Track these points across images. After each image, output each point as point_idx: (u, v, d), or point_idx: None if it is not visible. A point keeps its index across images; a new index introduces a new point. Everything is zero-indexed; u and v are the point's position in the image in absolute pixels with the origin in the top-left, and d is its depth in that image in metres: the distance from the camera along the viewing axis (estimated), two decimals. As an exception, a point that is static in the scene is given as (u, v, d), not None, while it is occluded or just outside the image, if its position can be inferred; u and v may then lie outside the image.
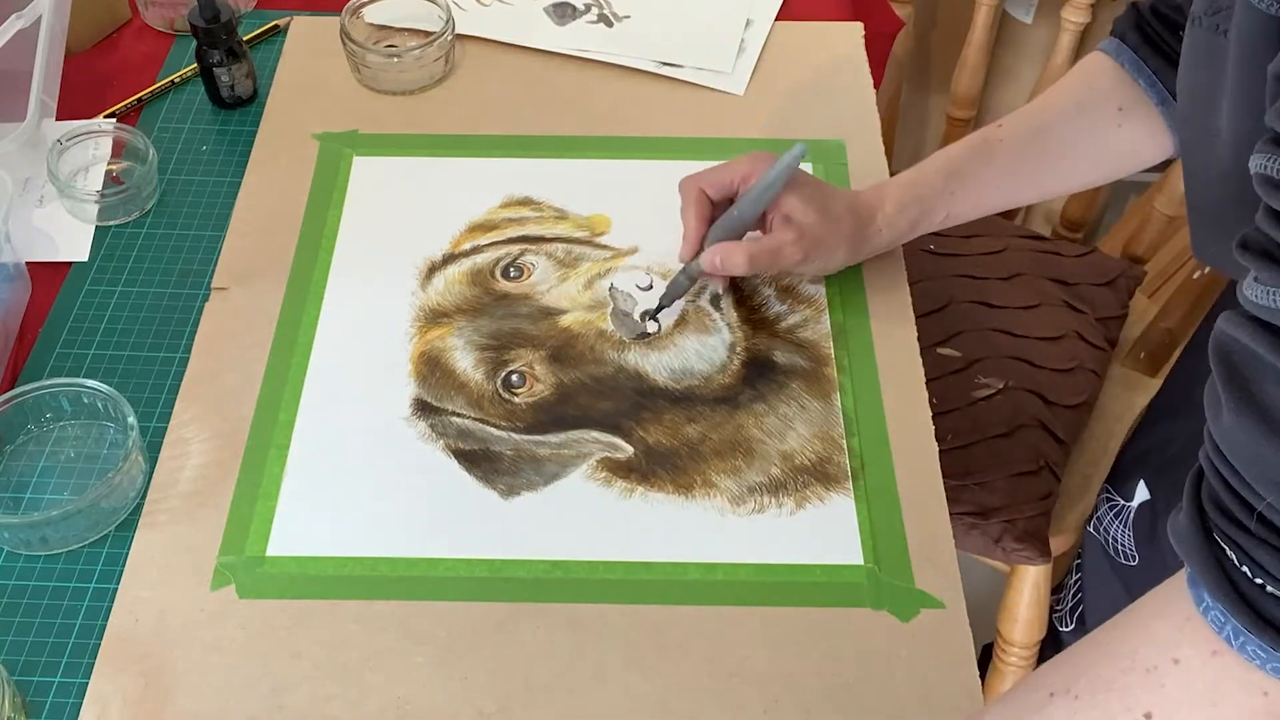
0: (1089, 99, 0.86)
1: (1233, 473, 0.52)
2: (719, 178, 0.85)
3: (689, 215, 0.85)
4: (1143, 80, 0.83)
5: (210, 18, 0.99)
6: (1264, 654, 0.51)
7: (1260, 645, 0.51)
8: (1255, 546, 0.51)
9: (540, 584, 0.74)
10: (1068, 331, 1.23)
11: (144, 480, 0.78)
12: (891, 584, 0.74)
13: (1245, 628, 0.51)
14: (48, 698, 0.70)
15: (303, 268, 0.90)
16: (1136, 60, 0.83)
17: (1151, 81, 0.83)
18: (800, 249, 0.83)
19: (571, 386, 0.83)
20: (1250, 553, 0.51)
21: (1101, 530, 1.10)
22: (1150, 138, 0.85)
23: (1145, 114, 0.84)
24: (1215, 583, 0.52)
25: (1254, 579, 0.51)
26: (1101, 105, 0.85)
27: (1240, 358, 0.50)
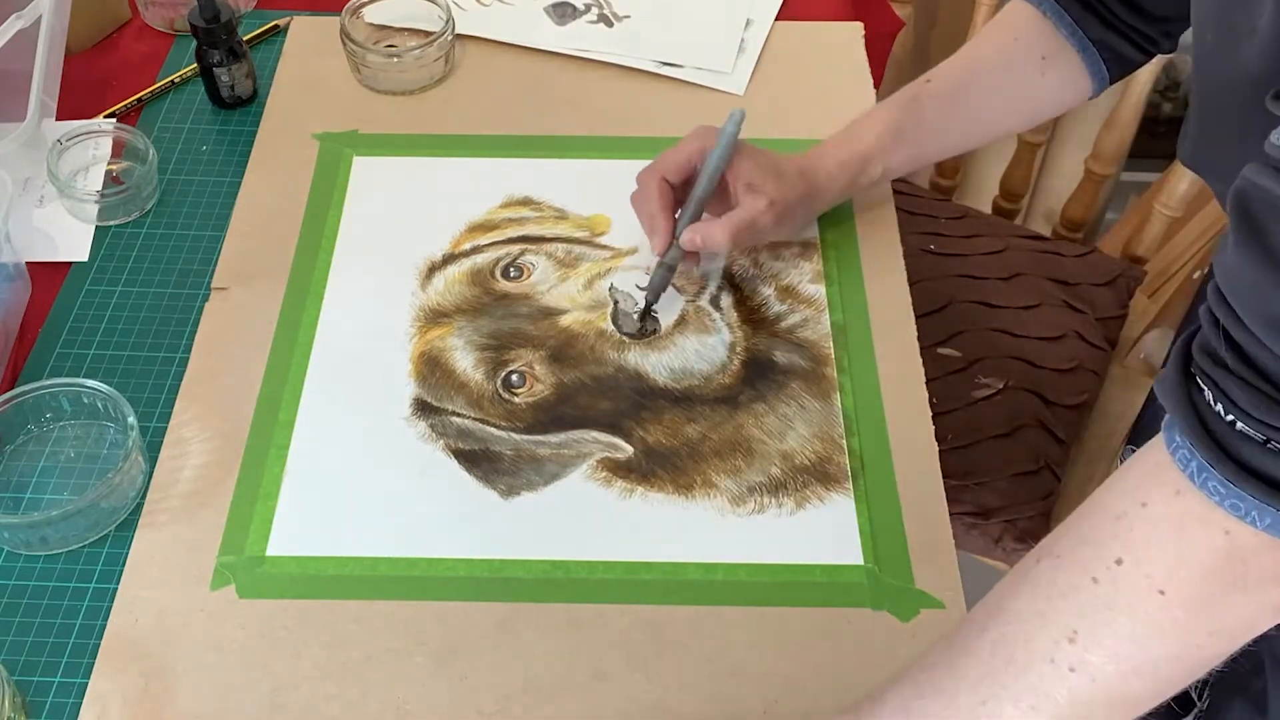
0: (1014, 50, 0.88)
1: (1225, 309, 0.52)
2: (676, 160, 0.86)
3: (655, 207, 0.85)
4: (1064, 28, 0.86)
5: (210, 18, 0.99)
6: (1224, 489, 0.51)
7: (1221, 480, 0.51)
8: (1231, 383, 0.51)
9: (540, 584, 0.74)
10: (1068, 331, 1.23)
11: (144, 480, 0.78)
12: (891, 584, 0.74)
13: (1208, 462, 0.52)
14: (48, 698, 0.70)
15: (303, 268, 0.90)
16: (1057, 8, 0.86)
17: (1073, 29, 0.86)
18: (773, 214, 0.85)
19: (571, 386, 0.83)
20: (1225, 389, 0.51)
21: None
22: (1072, 84, 0.88)
23: (1067, 60, 0.87)
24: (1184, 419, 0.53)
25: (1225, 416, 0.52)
26: (1026, 55, 0.88)
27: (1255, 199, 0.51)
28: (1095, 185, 1.42)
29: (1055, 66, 0.87)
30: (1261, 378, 0.50)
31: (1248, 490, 0.51)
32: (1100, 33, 0.85)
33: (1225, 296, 0.52)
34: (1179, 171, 1.28)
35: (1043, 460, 1.14)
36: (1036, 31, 0.87)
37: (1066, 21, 0.86)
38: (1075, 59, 0.87)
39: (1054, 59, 0.87)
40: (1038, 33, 0.87)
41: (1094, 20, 0.85)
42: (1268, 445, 0.50)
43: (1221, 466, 0.51)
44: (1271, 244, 0.50)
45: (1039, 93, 0.89)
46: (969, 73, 0.90)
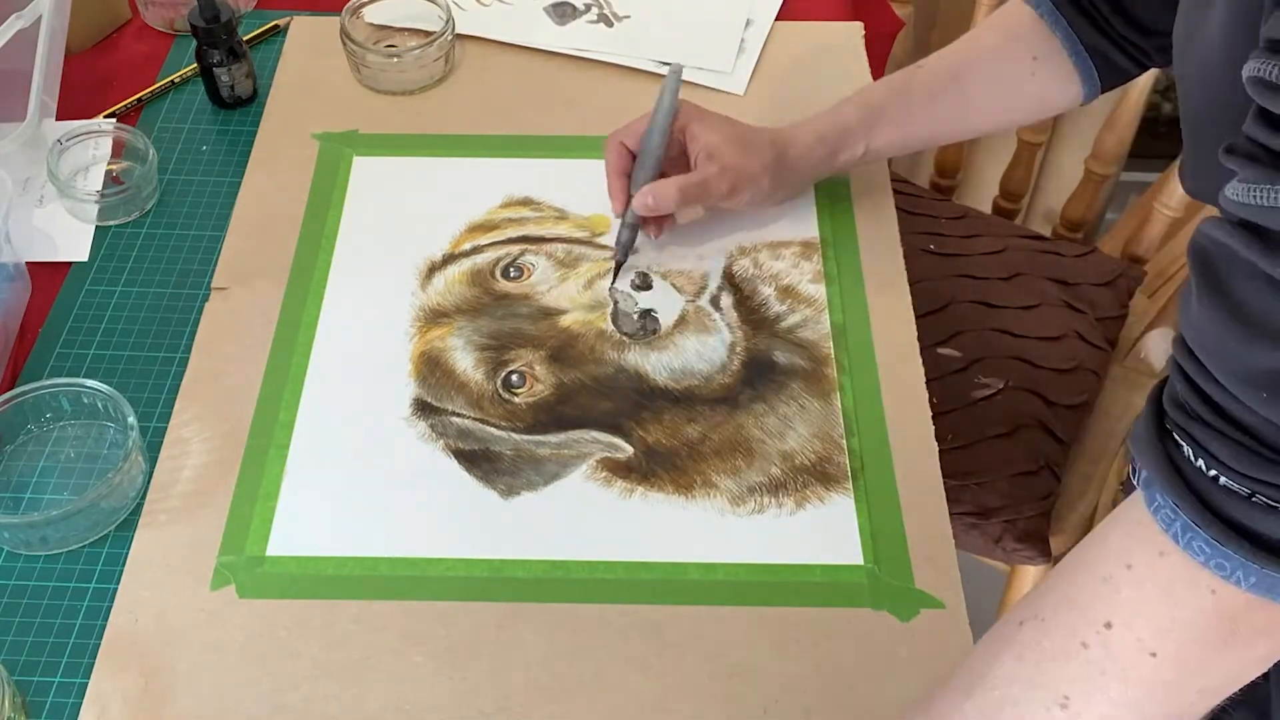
0: (1006, 48, 0.89)
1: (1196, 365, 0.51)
2: (636, 128, 0.89)
3: (609, 168, 0.89)
4: (1059, 31, 0.86)
5: (210, 18, 0.99)
6: (1209, 549, 0.51)
7: (1206, 540, 0.51)
8: (1210, 437, 0.51)
9: (540, 584, 0.74)
10: (1068, 331, 1.23)
11: (144, 480, 0.78)
12: (891, 584, 0.74)
13: (1193, 521, 0.51)
14: (48, 698, 0.70)
15: (303, 268, 0.90)
16: (1054, 11, 0.86)
17: (1066, 33, 0.86)
18: (726, 180, 0.86)
19: (571, 386, 0.83)
20: (1204, 444, 0.51)
21: None
22: (1061, 87, 0.88)
23: (1059, 64, 0.87)
24: (1165, 478, 0.52)
25: (1207, 471, 0.51)
26: (1017, 55, 0.88)
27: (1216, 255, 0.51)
28: (1095, 185, 1.42)
29: (1046, 67, 0.88)
30: (1241, 431, 0.50)
31: (1232, 549, 0.50)
32: (1094, 39, 0.85)
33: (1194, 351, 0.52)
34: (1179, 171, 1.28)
35: (1043, 460, 1.14)
36: (1031, 31, 0.88)
37: (1061, 24, 0.86)
38: (1067, 63, 0.87)
39: (1045, 60, 0.87)
40: (1032, 33, 0.88)
41: (1088, 26, 0.85)
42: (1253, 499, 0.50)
43: (1207, 527, 0.51)
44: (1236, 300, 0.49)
45: (1027, 91, 0.89)
46: (960, 63, 0.90)
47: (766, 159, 0.88)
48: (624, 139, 0.89)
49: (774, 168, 0.88)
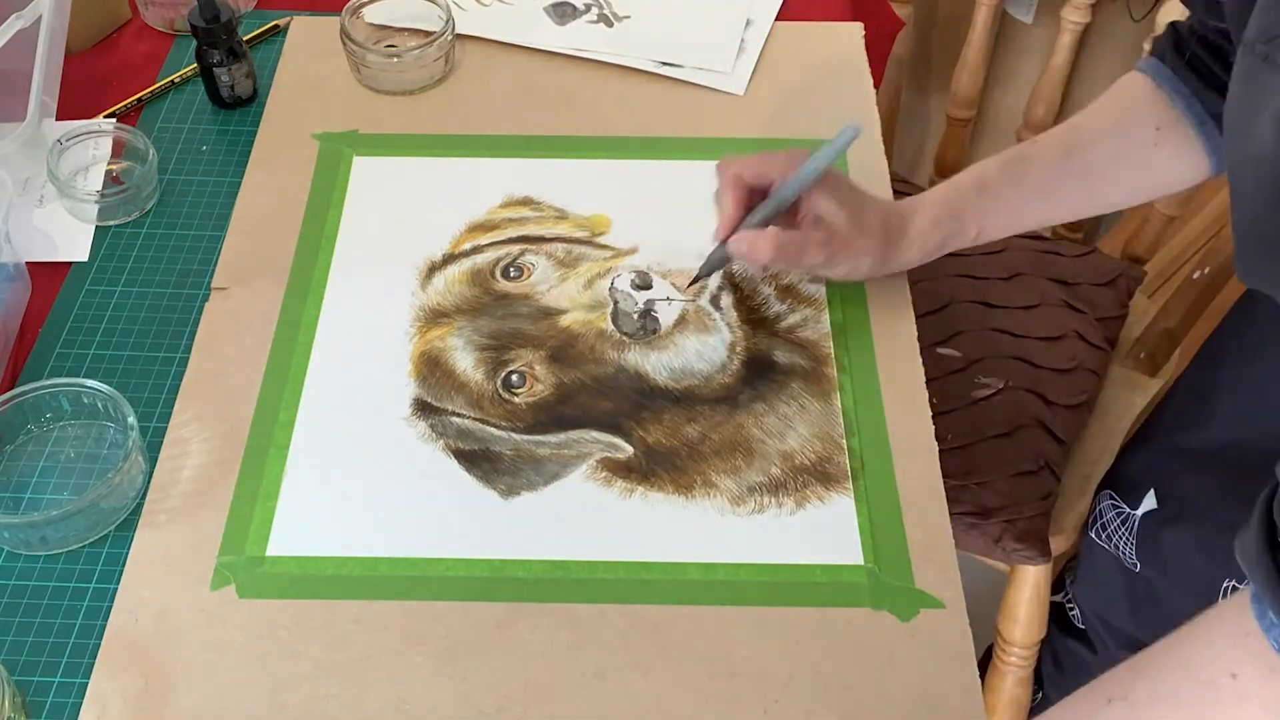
0: (1126, 119, 0.85)
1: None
2: (758, 166, 0.84)
3: (726, 197, 0.84)
4: (1180, 102, 0.82)
5: (210, 18, 0.99)
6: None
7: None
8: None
9: (540, 584, 0.74)
10: (1068, 331, 1.23)
11: (144, 480, 0.78)
12: (891, 584, 0.74)
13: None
14: (48, 698, 0.70)
15: (303, 268, 0.90)
16: (1175, 81, 0.82)
17: (1189, 103, 0.82)
18: (825, 250, 0.82)
19: (571, 386, 0.83)
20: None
21: (1106, 536, 1.10)
22: (1187, 159, 0.84)
23: (1183, 135, 0.83)
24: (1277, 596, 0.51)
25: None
26: (1139, 125, 0.84)
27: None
28: (1095, 185, 1.41)
29: (1169, 139, 0.83)
30: None
31: None
32: (1218, 107, 0.80)
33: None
34: (1179, 171, 1.28)
35: (1043, 460, 1.14)
36: (1151, 102, 0.84)
37: (1183, 94, 0.82)
38: (1191, 133, 0.83)
39: (1168, 131, 0.83)
40: (1152, 103, 0.84)
41: (1214, 96, 0.81)
42: None
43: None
44: None
45: (1151, 164, 0.85)
46: (1077, 138, 0.86)
47: (876, 239, 0.84)
48: (741, 171, 0.83)
49: (880, 250, 0.84)
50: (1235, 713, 0.53)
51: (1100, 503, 1.13)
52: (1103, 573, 1.13)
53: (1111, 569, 1.10)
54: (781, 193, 0.83)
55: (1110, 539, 1.10)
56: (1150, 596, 1.06)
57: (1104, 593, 1.14)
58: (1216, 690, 0.53)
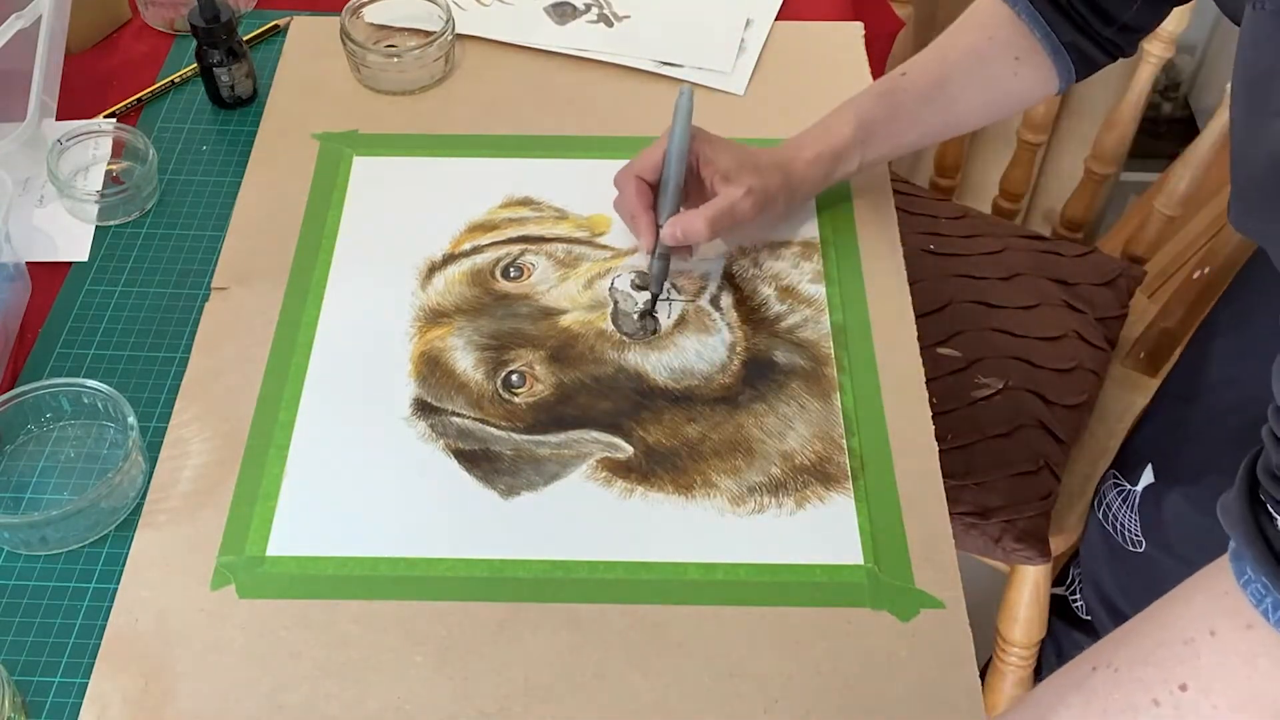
0: (988, 50, 0.90)
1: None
2: (649, 159, 0.87)
3: (635, 204, 0.87)
4: (1037, 30, 0.88)
5: (210, 18, 0.99)
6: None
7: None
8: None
9: (540, 584, 0.74)
10: (1068, 331, 1.23)
11: (144, 480, 0.78)
12: (891, 584, 0.74)
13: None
14: (48, 698, 0.70)
15: (303, 268, 0.90)
16: (1031, 10, 0.87)
17: (1045, 32, 0.87)
18: (751, 201, 0.86)
19: (571, 386, 0.83)
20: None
21: (1110, 517, 1.11)
22: (1042, 83, 0.90)
23: (1039, 62, 0.89)
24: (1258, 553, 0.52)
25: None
26: (1000, 55, 0.90)
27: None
28: (1095, 185, 1.42)
29: (1027, 66, 0.89)
30: None
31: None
32: (1071, 35, 0.87)
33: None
34: (1179, 171, 1.28)
35: (1042, 460, 1.14)
36: (1010, 31, 0.89)
37: (1040, 24, 0.87)
38: (1046, 60, 0.89)
39: (1026, 59, 0.89)
40: (1011, 32, 0.89)
41: (1067, 24, 0.87)
42: None
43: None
44: None
45: (1011, 90, 0.91)
46: (944, 69, 0.91)
47: (777, 180, 0.88)
48: (639, 173, 0.87)
49: (785, 188, 0.89)
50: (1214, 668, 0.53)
51: (1104, 483, 1.13)
52: (1107, 557, 1.13)
53: (1116, 553, 1.11)
54: (669, 169, 0.86)
55: (1114, 520, 1.10)
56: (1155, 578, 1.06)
57: (1108, 579, 1.14)
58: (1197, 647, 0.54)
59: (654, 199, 0.87)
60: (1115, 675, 0.56)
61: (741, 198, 0.85)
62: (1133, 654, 0.56)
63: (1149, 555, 1.06)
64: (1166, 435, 1.07)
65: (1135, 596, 1.11)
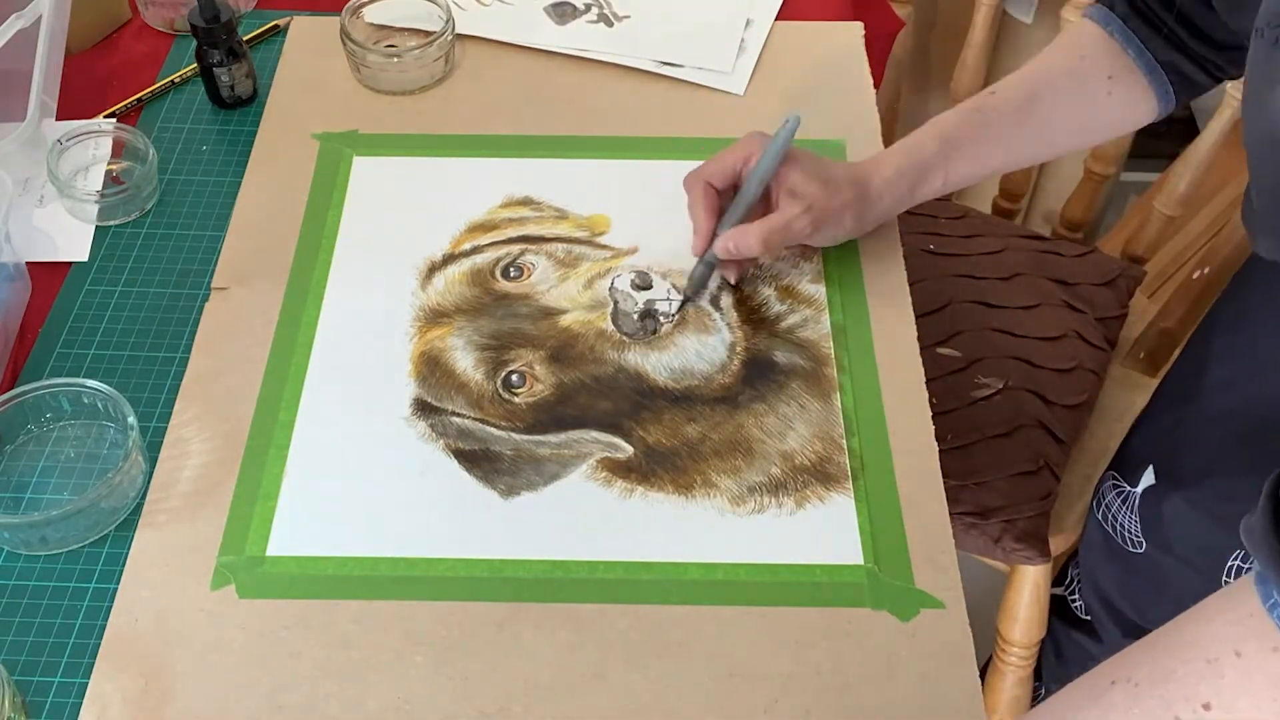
0: (1080, 68, 0.88)
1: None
2: (721, 166, 0.87)
3: (697, 210, 0.87)
4: (1131, 49, 0.86)
5: (210, 18, 0.99)
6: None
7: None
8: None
9: (540, 584, 0.74)
10: (1068, 331, 1.23)
11: (144, 480, 0.78)
12: (891, 584, 0.74)
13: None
14: (48, 698, 0.70)
15: (303, 268, 0.90)
16: (1125, 30, 0.86)
17: (1140, 50, 0.86)
18: (809, 219, 0.85)
19: (571, 386, 0.83)
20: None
21: (1110, 518, 1.11)
22: (1138, 104, 0.88)
23: (1134, 81, 0.87)
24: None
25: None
26: (1092, 74, 0.88)
27: None
28: (1095, 185, 1.42)
29: (1121, 86, 0.87)
30: None
31: None
32: (1168, 55, 0.85)
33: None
34: (1179, 171, 1.28)
35: (1042, 460, 1.14)
36: (1103, 51, 0.87)
37: (1134, 43, 0.85)
38: (1141, 80, 0.87)
39: (1120, 79, 0.87)
40: (1104, 52, 0.87)
41: (1161, 43, 0.85)
42: None
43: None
44: None
45: (1104, 112, 0.89)
46: (1034, 87, 0.89)
47: (849, 196, 0.86)
48: (708, 178, 0.86)
49: (856, 206, 0.87)
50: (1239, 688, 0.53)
51: (1103, 484, 1.13)
52: (1106, 557, 1.13)
53: (1115, 553, 1.11)
54: (747, 188, 0.86)
55: (1114, 521, 1.10)
56: (1155, 578, 1.06)
57: (1108, 579, 1.14)
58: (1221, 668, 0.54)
59: (719, 204, 0.87)
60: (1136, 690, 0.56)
61: (798, 215, 0.84)
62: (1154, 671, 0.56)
63: (1149, 556, 1.06)
64: (1166, 436, 1.07)
65: (1135, 597, 1.11)
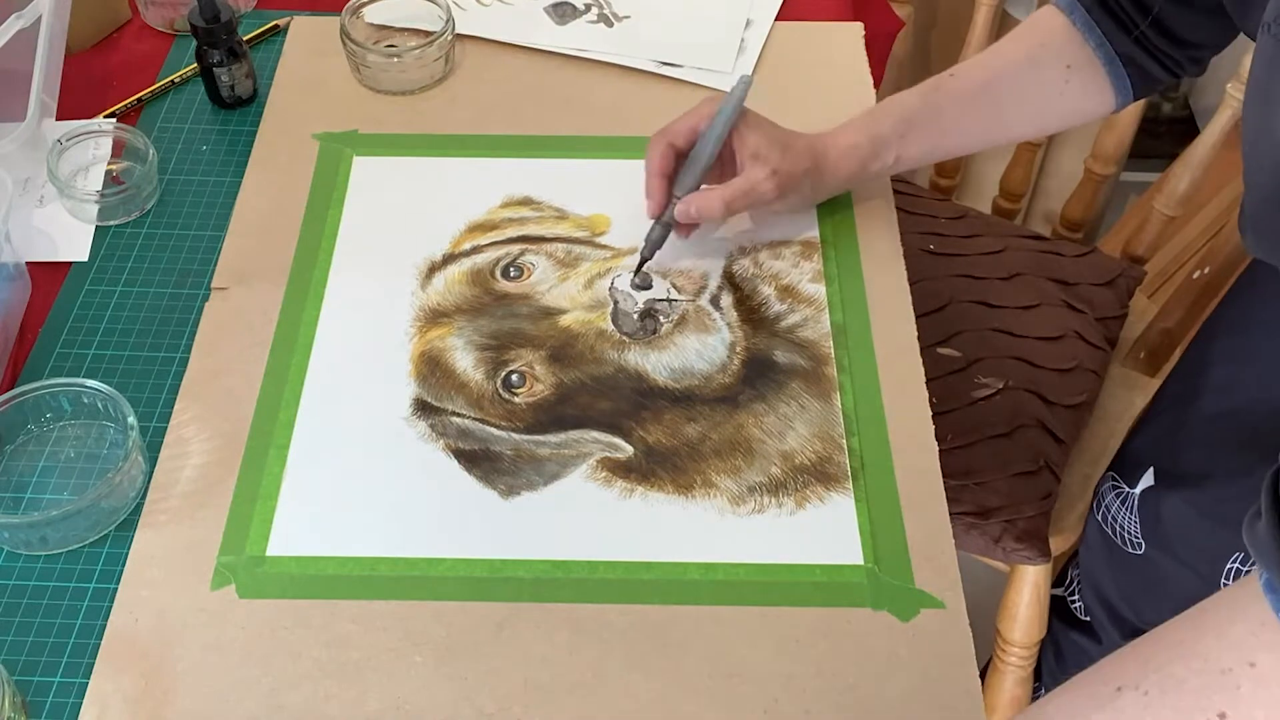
0: (1040, 55, 0.88)
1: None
2: (684, 126, 0.87)
3: (654, 166, 0.87)
4: (1093, 40, 0.86)
5: (210, 18, 0.99)
6: None
7: None
8: None
9: (540, 584, 0.74)
10: (1068, 331, 1.23)
11: (144, 480, 0.78)
12: (891, 584, 0.74)
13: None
14: (48, 698, 0.70)
15: (303, 268, 0.90)
16: (1088, 20, 0.86)
17: (1101, 42, 0.86)
18: (775, 183, 0.86)
19: (571, 386, 0.83)
20: None
21: (1109, 519, 1.11)
22: (1095, 96, 0.88)
23: (1092, 73, 0.87)
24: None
25: None
26: (1051, 62, 0.88)
27: None
28: (1095, 185, 1.42)
29: (1079, 76, 0.87)
30: None
31: None
32: (1128, 48, 0.85)
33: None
34: (1179, 171, 1.28)
35: (1042, 460, 1.14)
36: (1064, 40, 0.87)
37: (1096, 34, 0.85)
38: (1100, 71, 0.87)
39: (1079, 69, 0.87)
40: (1065, 41, 0.87)
41: (1124, 36, 0.85)
42: None
43: None
44: None
45: (1060, 101, 0.89)
46: (992, 72, 0.89)
47: (805, 164, 0.87)
48: (671, 139, 0.87)
49: (813, 173, 0.88)
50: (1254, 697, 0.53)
51: (1102, 485, 1.13)
52: (1106, 558, 1.13)
53: (1115, 554, 1.11)
54: (702, 149, 0.86)
55: (1113, 522, 1.10)
56: (1154, 580, 1.06)
57: (1107, 580, 1.14)
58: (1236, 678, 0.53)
59: (675, 165, 0.87)
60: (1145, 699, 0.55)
61: (764, 179, 0.85)
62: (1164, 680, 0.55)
63: (1148, 557, 1.06)
64: (1167, 438, 1.07)
65: (1134, 598, 1.11)
